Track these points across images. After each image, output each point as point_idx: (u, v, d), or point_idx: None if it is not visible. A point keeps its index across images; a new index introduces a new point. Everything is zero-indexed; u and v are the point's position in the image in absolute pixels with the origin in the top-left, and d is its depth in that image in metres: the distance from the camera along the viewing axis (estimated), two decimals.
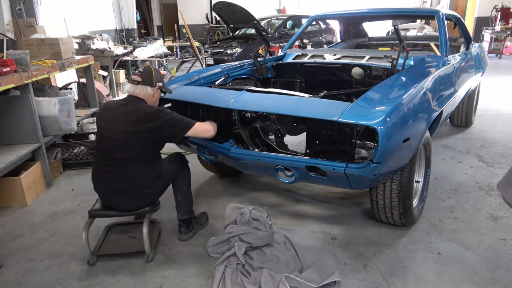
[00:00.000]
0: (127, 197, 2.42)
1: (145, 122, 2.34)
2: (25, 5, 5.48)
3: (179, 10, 10.39)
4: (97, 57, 6.65)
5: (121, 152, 2.37)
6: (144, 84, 2.44)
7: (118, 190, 2.41)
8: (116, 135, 2.35)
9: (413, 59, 3.32)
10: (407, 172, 2.42)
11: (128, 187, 2.40)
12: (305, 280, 2.15)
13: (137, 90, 2.45)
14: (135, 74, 2.50)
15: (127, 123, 2.33)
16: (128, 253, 2.51)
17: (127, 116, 2.35)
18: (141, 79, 2.44)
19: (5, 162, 3.09)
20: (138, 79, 2.45)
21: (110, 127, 2.38)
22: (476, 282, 2.20)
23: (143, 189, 2.43)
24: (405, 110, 2.23)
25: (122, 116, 2.36)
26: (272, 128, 3.02)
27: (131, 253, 2.51)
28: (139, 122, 2.33)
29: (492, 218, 2.86)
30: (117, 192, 2.41)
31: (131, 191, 2.41)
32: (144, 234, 2.40)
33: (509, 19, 11.71)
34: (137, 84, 2.45)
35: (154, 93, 2.49)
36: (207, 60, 8.36)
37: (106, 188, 2.44)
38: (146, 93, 2.46)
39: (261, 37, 3.67)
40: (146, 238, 2.42)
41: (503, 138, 4.57)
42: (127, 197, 2.42)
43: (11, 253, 2.63)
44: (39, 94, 3.96)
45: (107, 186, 2.43)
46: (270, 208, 3.01)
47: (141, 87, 2.44)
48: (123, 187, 2.40)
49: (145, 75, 2.47)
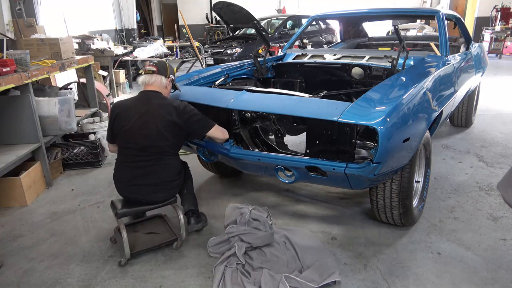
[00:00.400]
0: (160, 188, 2.51)
1: (175, 115, 2.45)
2: (25, 5, 5.48)
3: (179, 10, 10.39)
4: (97, 57, 6.65)
5: (155, 146, 2.45)
6: (159, 74, 2.54)
7: (152, 184, 2.48)
8: (149, 131, 2.42)
9: (413, 59, 3.32)
10: (407, 172, 2.42)
11: (162, 179, 2.49)
12: (305, 280, 2.15)
13: (152, 79, 2.53)
14: (149, 65, 2.60)
15: (160, 117, 2.42)
16: (159, 245, 2.58)
17: (157, 111, 2.44)
18: (156, 69, 2.55)
19: (5, 162, 3.09)
20: (153, 68, 2.55)
21: (141, 124, 2.44)
22: (476, 282, 2.20)
23: (174, 180, 2.55)
24: (405, 110, 2.23)
25: (151, 112, 2.44)
26: (272, 128, 3.02)
27: (162, 244, 2.58)
28: (170, 116, 2.43)
29: (492, 218, 2.86)
30: (151, 185, 2.48)
31: (164, 183, 2.51)
32: (181, 220, 2.58)
33: (509, 19, 11.72)
34: (152, 73, 2.54)
35: (167, 84, 2.59)
36: (207, 60, 8.36)
37: (141, 182, 2.48)
38: (161, 82, 2.55)
39: (261, 37, 3.67)
40: (182, 224, 2.59)
41: (503, 138, 4.57)
42: (161, 188, 2.51)
43: (11, 253, 2.63)
44: (39, 94, 3.97)
45: (141, 180, 2.48)
46: (270, 208, 3.02)
47: (156, 76, 2.54)
48: (158, 179, 2.48)
49: (160, 66, 2.58)
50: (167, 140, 2.46)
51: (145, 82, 2.56)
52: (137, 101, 2.53)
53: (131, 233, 2.65)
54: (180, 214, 2.59)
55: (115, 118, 2.54)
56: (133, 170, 2.49)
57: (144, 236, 2.67)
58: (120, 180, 2.55)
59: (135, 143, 2.47)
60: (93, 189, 3.58)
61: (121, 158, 2.57)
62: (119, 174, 2.56)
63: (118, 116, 2.53)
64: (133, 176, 2.49)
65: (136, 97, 2.57)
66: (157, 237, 2.65)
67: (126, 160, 2.53)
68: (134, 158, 2.49)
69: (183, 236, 2.60)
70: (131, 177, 2.49)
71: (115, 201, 2.56)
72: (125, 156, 2.54)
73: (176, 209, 2.61)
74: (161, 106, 2.46)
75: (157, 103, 2.47)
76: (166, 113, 2.44)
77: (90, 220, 3.02)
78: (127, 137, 2.49)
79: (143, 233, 2.70)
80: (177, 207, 2.62)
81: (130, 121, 2.46)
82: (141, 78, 2.58)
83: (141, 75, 2.62)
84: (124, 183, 2.53)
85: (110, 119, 2.57)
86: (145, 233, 2.70)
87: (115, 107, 2.58)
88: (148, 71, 2.56)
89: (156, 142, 2.44)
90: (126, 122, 2.47)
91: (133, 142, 2.47)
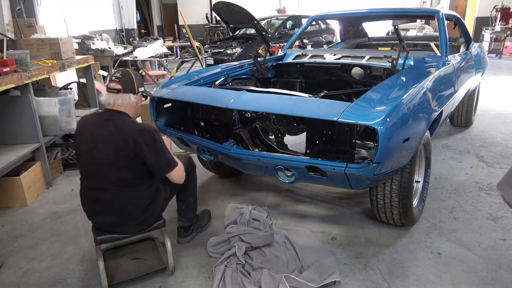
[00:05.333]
0: (127, 222, 2.17)
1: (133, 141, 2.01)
2: (25, 5, 5.48)
3: (179, 10, 10.38)
4: (97, 57, 6.65)
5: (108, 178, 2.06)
6: (125, 92, 2.11)
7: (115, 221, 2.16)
8: (100, 157, 2.04)
9: (413, 59, 3.32)
10: (407, 172, 2.42)
11: (125, 213, 2.13)
12: (305, 280, 2.15)
13: (118, 101, 2.09)
14: (112, 81, 2.11)
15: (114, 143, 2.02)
16: (144, 275, 2.30)
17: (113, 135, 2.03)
18: (121, 87, 2.09)
19: (5, 162, 3.09)
20: (118, 86, 2.09)
21: (92, 149, 2.06)
22: (476, 282, 2.20)
23: (141, 213, 2.17)
24: (405, 110, 2.23)
25: (106, 136, 2.04)
26: (272, 128, 3.02)
27: (151, 273, 2.32)
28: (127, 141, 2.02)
29: (492, 218, 2.85)
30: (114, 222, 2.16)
31: (130, 216, 2.15)
32: (168, 247, 2.29)
33: (509, 19, 11.71)
34: (117, 93, 2.09)
35: (137, 100, 2.18)
36: (207, 60, 8.35)
37: (102, 218, 2.17)
38: (130, 102, 2.13)
39: (261, 37, 3.67)
40: (170, 252, 2.30)
41: (503, 138, 4.57)
42: (128, 222, 2.17)
43: (11, 253, 2.63)
44: (39, 94, 3.96)
45: (102, 216, 2.16)
46: (270, 208, 3.02)
47: (122, 96, 2.10)
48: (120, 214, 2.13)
49: (125, 81, 2.12)
50: (123, 170, 2.05)
51: (107, 103, 2.12)
52: (94, 121, 2.13)
53: (117, 259, 2.43)
54: (167, 243, 2.27)
55: (76, 136, 2.19)
56: (91, 204, 2.16)
57: (130, 262, 2.41)
58: (84, 209, 2.23)
59: (86, 174, 2.14)
60: None
61: (81, 186, 2.21)
62: (82, 203, 2.23)
63: (76, 136, 2.18)
64: (93, 208, 2.17)
65: (97, 115, 2.19)
66: (144, 264, 2.37)
67: (82, 192, 2.20)
68: (88, 191, 2.15)
69: (171, 266, 2.32)
70: (92, 209, 2.18)
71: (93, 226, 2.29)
72: (81, 187, 2.20)
73: (163, 235, 2.33)
74: (116, 130, 2.03)
75: (113, 127, 2.04)
76: (121, 139, 2.01)
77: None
78: (81, 166, 2.17)
79: (130, 258, 2.43)
80: (164, 233, 2.33)
81: (82, 146, 2.11)
82: (103, 98, 2.14)
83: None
84: (88, 213, 2.22)
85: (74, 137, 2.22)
86: (132, 258, 2.44)
87: (78, 124, 2.20)
88: (111, 90, 2.10)
89: (109, 173, 2.05)
90: (81, 144, 2.13)
91: (84, 171, 2.14)
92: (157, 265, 2.36)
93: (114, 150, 2.03)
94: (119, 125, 2.05)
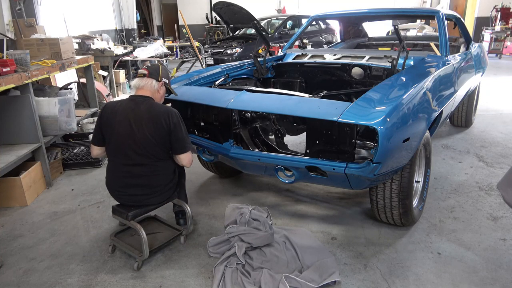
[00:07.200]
0: (154, 194, 2.46)
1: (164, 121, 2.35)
2: (25, 5, 5.48)
3: (179, 10, 10.39)
4: (97, 57, 6.65)
5: (144, 155, 2.37)
6: (150, 77, 2.47)
7: (145, 193, 2.44)
8: (138, 139, 2.34)
9: (413, 59, 3.32)
10: (407, 172, 2.42)
11: (156, 185, 2.45)
12: (305, 280, 2.15)
13: (143, 82, 2.47)
14: (142, 68, 2.54)
15: (147, 124, 2.34)
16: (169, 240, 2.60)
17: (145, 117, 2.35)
18: (147, 72, 2.48)
19: (5, 162, 3.09)
20: (145, 72, 2.49)
21: (129, 132, 2.35)
22: (476, 282, 2.20)
23: (168, 183, 2.51)
24: (405, 110, 2.23)
25: (139, 119, 2.35)
26: (272, 128, 3.02)
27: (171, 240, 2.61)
28: (158, 122, 2.35)
29: (492, 218, 2.86)
30: (144, 194, 2.44)
31: (158, 188, 2.46)
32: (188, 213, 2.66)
33: (509, 19, 11.72)
34: (143, 76, 2.48)
35: (159, 88, 2.50)
36: (207, 60, 8.36)
37: (133, 192, 2.43)
38: (151, 86, 2.47)
39: (261, 37, 3.67)
40: (190, 216, 2.66)
41: (503, 138, 4.57)
42: (155, 194, 2.46)
43: (11, 253, 2.63)
44: (39, 94, 3.97)
45: (133, 190, 2.43)
46: (270, 208, 3.02)
47: (147, 79, 2.47)
48: (151, 187, 2.44)
49: (152, 69, 2.52)
50: (156, 146, 2.38)
51: (136, 86, 2.49)
52: (126, 106, 2.43)
53: (133, 236, 2.61)
54: (187, 207, 2.65)
55: (105, 122, 2.45)
56: (124, 180, 2.43)
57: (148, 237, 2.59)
58: (112, 188, 2.50)
59: (124, 152, 2.39)
60: (93, 189, 3.58)
61: (111, 166, 2.50)
62: (111, 183, 2.50)
63: (107, 120, 2.43)
64: (124, 185, 2.43)
65: (125, 101, 2.47)
66: (161, 235, 2.64)
67: (116, 169, 2.46)
68: (124, 167, 2.42)
69: (190, 229, 2.67)
70: (122, 186, 2.44)
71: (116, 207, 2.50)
72: (115, 164, 2.47)
73: (181, 203, 2.67)
74: (149, 112, 2.37)
75: (145, 109, 2.38)
76: (154, 119, 2.35)
77: (90, 220, 3.02)
78: (116, 145, 2.42)
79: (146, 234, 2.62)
80: (181, 201, 2.67)
81: (119, 128, 2.38)
82: (133, 82, 2.53)
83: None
84: (116, 191, 2.48)
85: (99, 122, 2.48)
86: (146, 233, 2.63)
87: (104, 110, 2.48)
88: (139, 74, 2.50)
89: (146, 149, 2.36)
90: (114, 128, 2.39)
91: (122, 150, 2.39)
92: (174, 233, 2.65)
93: (152, 129, 2.35)
94: (152, 107, 2.40)
